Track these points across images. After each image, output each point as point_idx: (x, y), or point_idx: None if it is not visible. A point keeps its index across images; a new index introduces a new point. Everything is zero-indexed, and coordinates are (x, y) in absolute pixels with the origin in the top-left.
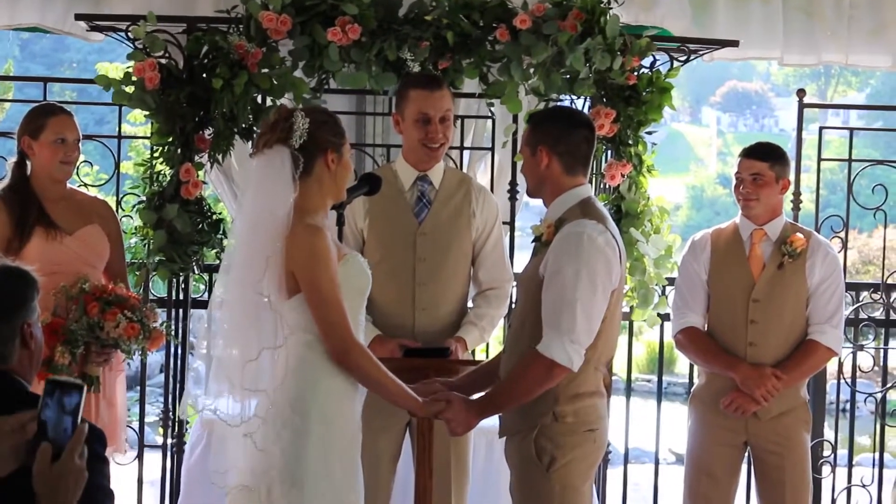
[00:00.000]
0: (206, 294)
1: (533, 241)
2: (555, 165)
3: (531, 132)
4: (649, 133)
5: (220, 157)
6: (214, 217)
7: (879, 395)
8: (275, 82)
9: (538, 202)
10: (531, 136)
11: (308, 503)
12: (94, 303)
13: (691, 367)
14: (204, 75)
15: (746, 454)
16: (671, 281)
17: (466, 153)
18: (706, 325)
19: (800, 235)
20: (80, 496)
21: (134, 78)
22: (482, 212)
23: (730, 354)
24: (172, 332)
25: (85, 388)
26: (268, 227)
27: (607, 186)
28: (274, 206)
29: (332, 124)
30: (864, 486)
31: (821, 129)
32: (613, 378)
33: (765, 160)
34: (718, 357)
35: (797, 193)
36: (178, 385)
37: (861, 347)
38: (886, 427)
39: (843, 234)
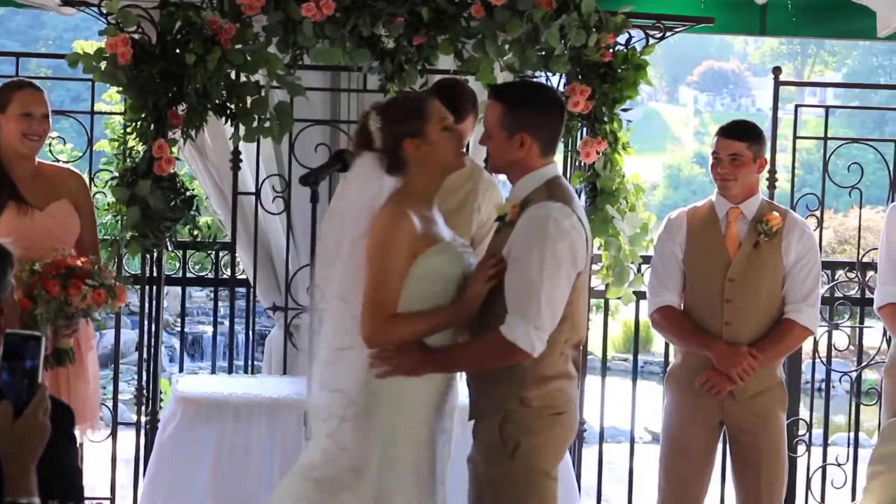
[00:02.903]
0: (180, 271)
1: (496, 220)
2: (533, 150)
3: (509, 116)
4: (625, 110)
5: (193, 134)
6: (188, 193)
7: (855, 374)
8: (248, 58)
9: None
10: (509, 120)
11: (367, 487)
12: (53, 281)
13: (667, 346)
14: (177, 51)
15: (722, 434)
16: (646, 259)
17: None
18: (682, 304)
19: (776, 214)
20: (41, 453)
21: (107, 53)
22: (487, 206)
23: (705, 333)
24: (146, 310)
25: (44, 340)
26: (350, 232)
27: (582, 164)
28: (358, 212)
29: (403, 110)
30: (839, 464)
31: (797, 106)
32: (590, 357)
33: (742, 140)
34: (694, 336)
35: (773, 172)
36: (151, 363)
37: (836, 326)
38: (861, 406)
39: (818, 213)
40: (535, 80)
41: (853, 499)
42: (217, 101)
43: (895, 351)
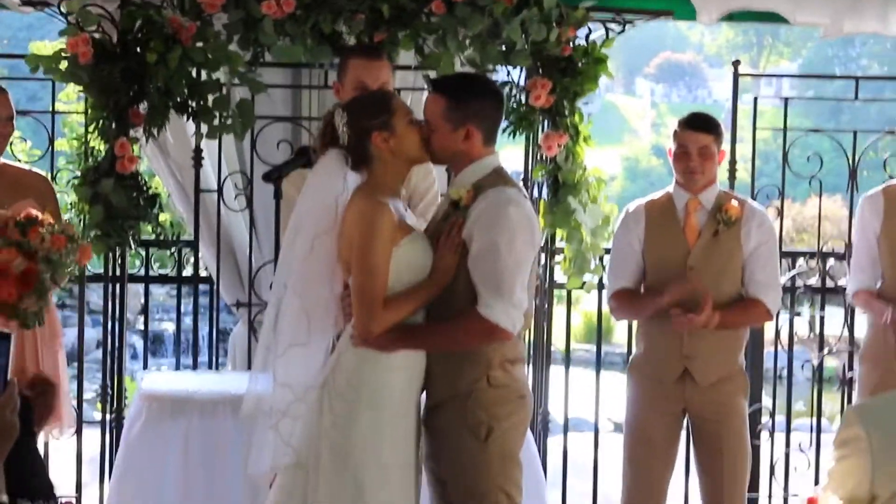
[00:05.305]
0: (143, 269)
1: (450, 205)
2: (477, 140)
3: (454, 108)
4: (585, 104)
5: (155, 132)
6: (150, 192)
7: (816, 361)
8: (209, 56)
9: None
10: (455, 113)
11: (351, 477)
12: (14, 229)
13: (629, 336)
14: (138, 50)
15: (686, 422)
16: (608, 251)
17: None
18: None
19: (734, 203)
20: (8, 451)
21: (67, 53)
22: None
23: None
24: (109, 309)
25: (12, 338)
26: (311, 228)
27: (544, 157)
28: (320, 208)
29: (370, 105)
30: (801, 451)
31: (755, 98)
32: (552, 348)
33: (710, 132)
34: (648, 295)
35: (733, 163)
36: (115, 360)
37: (798, 314)
38: (823, 392)
39: (778, 203)
40: (493, 74)
41: (816, 484)
42: (178, 100)
43: (871, 337)
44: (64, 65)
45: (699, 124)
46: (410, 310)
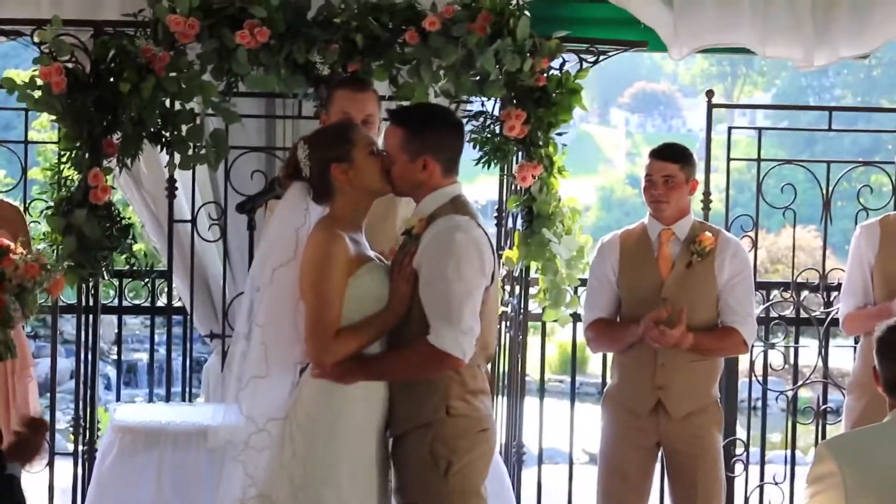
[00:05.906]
0: (116, 300)
1: (403, 234)
2: (436, 171)
3: (411, 139)
4: (559, 134)
5: (128, 162)
6: (123, 222)
7: (791, 393)
8: (183, 86)
9: None
10: (412, 144)
11: None
12: None
13: (604, 367)
14: (111, 79)
15: (660, 454)
16: (584, 282)
17: None
18: None
19: (708, 234)
20: None
21: (40, 82)
22: (405, 214)
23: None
24: (83, 339)
25: None
26: (273, 260)
27: (518, 188)
28: (283, 240)
29: (330, 137)
30: (776, 483)
31: (729, 129)
32: (527, 379)
33: (676, 161)
34: (623, 326)
35: (707, 194)
36: (88, 391)
37: (772, 346)
38: (798, 424)
39: (752, 234)
40: (469, 105)
41: None
42: (152, 130)
43: (860, 367)
44: (38, 94)
45: (664, 153)
46: (364, 340)
